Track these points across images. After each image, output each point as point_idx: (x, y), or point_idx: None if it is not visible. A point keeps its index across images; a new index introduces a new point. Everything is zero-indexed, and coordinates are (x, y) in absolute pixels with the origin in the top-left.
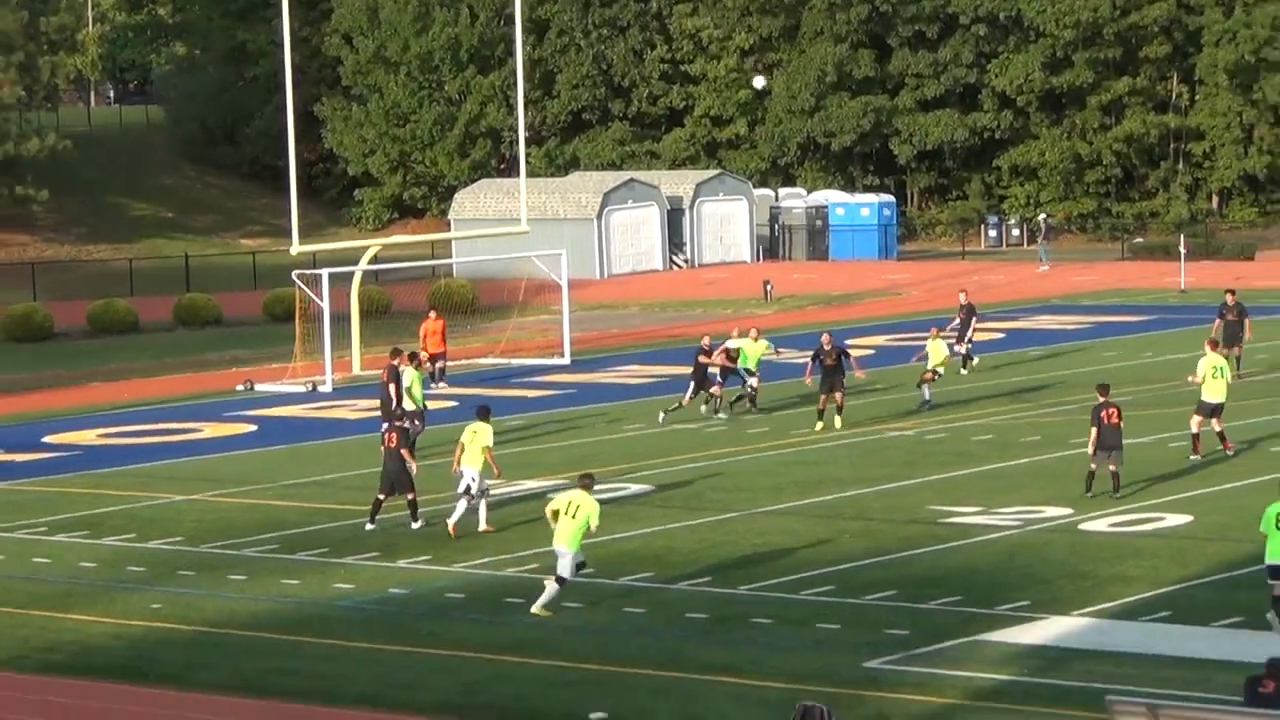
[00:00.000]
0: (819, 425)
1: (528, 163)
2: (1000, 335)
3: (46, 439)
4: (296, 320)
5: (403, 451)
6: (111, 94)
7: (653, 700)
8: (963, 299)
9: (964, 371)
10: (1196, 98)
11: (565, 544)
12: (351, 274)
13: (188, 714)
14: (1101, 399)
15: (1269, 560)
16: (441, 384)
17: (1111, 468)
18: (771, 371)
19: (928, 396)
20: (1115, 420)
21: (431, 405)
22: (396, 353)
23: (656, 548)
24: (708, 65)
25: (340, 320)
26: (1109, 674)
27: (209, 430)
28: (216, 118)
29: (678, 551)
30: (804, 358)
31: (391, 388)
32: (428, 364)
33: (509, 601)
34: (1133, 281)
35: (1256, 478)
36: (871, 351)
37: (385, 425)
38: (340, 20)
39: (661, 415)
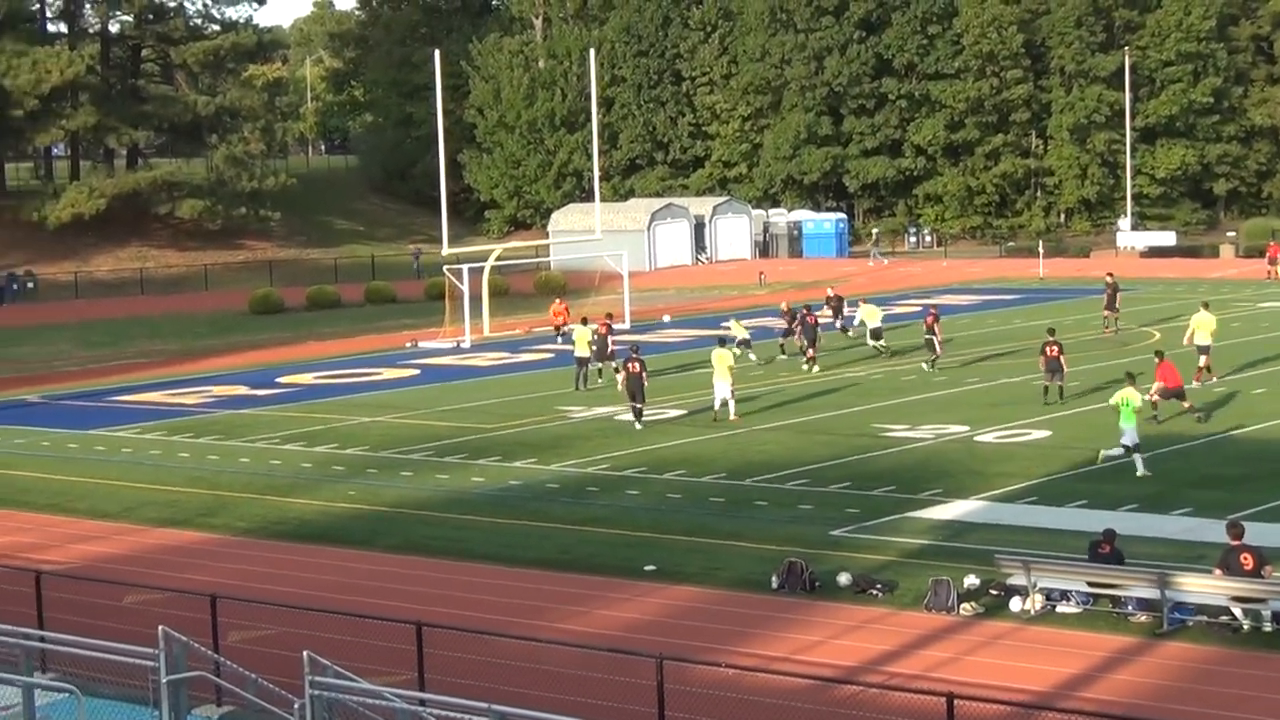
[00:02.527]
0: (815, 369)
1: (600, 192)
2: (918, 309)
3: (278, 380)
4: (446, 299)
5: (643, 375)
6: (323, 148)
7: (687, 557)
8: (830, 292)
9: (850, 334)
10: (1048, 147)
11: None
12: (483, 267)
13: (372, 567)
14: (1049, 338)
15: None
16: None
17: (1059, 383)
18: (764, 333)
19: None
20: (1055, 353)
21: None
22: (610, 315)
23: (689, 453)
24: (720, 127)
25: (475, 299)
26: (996, 539)
27: (386, 373)
28: (393, 163)
29: (703, 456)
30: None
31: (609, 338)
32: (604, 326)
33: (589, 489)
34: (1007, 272)
35: (1096, 404)
36: (830, 318)
37: (628, 357)
38: (475, 98)
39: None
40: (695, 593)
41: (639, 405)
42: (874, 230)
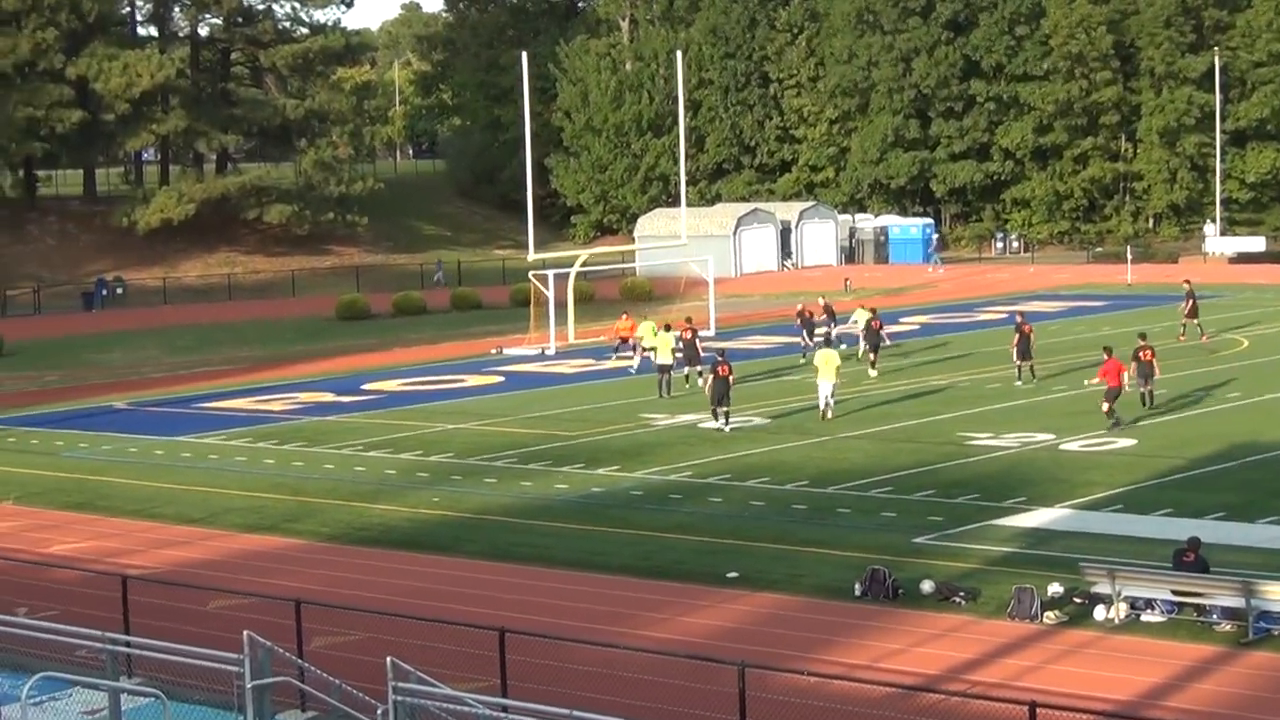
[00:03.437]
0: (873, 372)
1: (686, 197)
2: (1005, 315)
3: (364, 386)
4: (531, 305)
5: (730, 378)
6: (410, 152)
7: (770, 564)
8: (821, 301)
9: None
10: (1137, 151)
11: None
12: (568, 273)
13: (455, 573)
14: (1141, 343)
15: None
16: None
17: (1150, 389)
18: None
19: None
20: (1149, 357)
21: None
22: (689, 320)
23: (772, 460)
24: (807, 130)
25: (560, 305)
26: (1081, 547)
27: (471, 380)
28: (480, 167)
29: (787, 463)
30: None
31: (697, 342)
32: (689, 331)
33: (672, 496)
34: (1094, 278)
35: (1183, 413)
36: (916, 326)
37: (718, 359)
38: (562, 102)
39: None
40: (778, 600)
41: (725, 409)
42: (934, 237)
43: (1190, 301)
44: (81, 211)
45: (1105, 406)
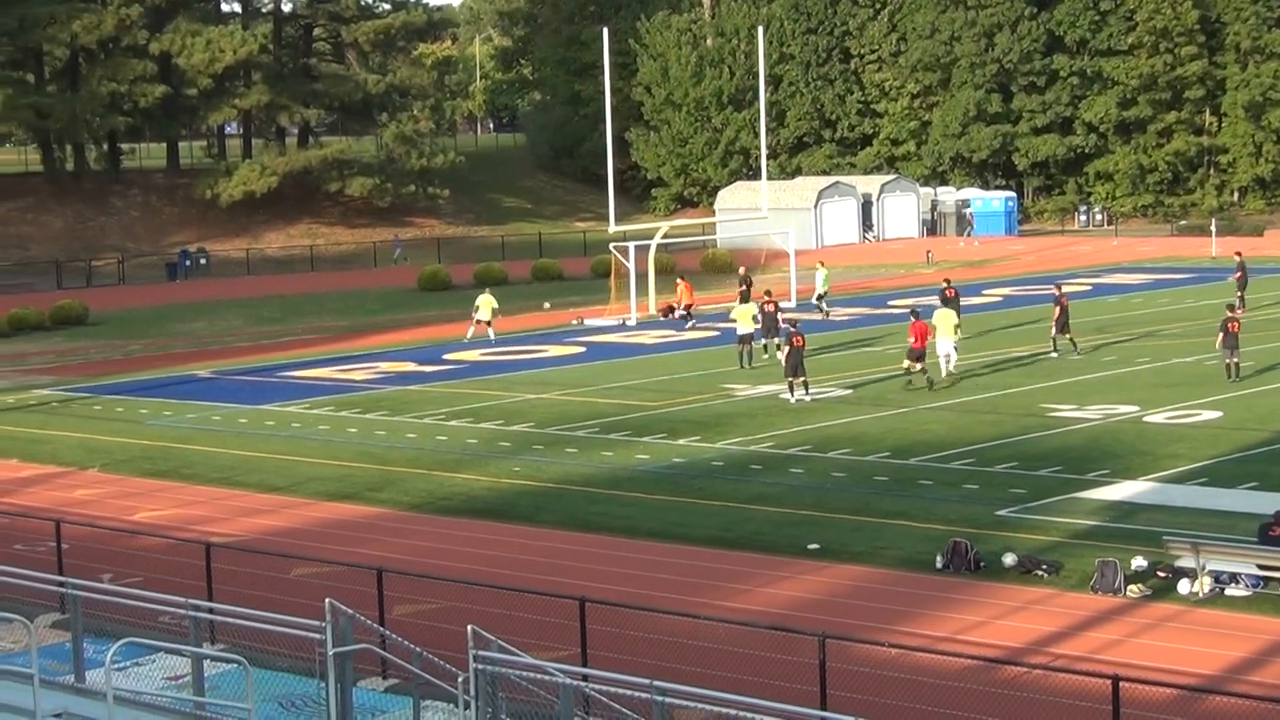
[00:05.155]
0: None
1: (767, 170)
2: (1088, 287)
3: (446, 356)
4: (612, 276)
5: (803, 349)
6: (491, 125)
7: (851, 535)
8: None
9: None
10: (1222, 125)
11: None
12: (649, 245)
13: (536, 543)
14: (1229, 314)
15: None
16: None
17: (1235, 360)
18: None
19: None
20: (1236, 328)
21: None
22: (768, 294)
23: (854, 432)
24: (889, 105)
25: (641, 277)
26: (1164, 521)
27: (552, 350)
28: (560, 141)
29: (868, 434)
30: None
31: (778, 315)
32: (770, 303)
33: (753, 467)
34: (1179, 251)
35: (1266, 386)
36: (1000, 298)
37: (791, 330)
38: (643, 76)
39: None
40: (859, 571)
41: (801, 379)
42: (967, 211)
43: (1241, 274)
44: (165, 184)
45: (905, 364)
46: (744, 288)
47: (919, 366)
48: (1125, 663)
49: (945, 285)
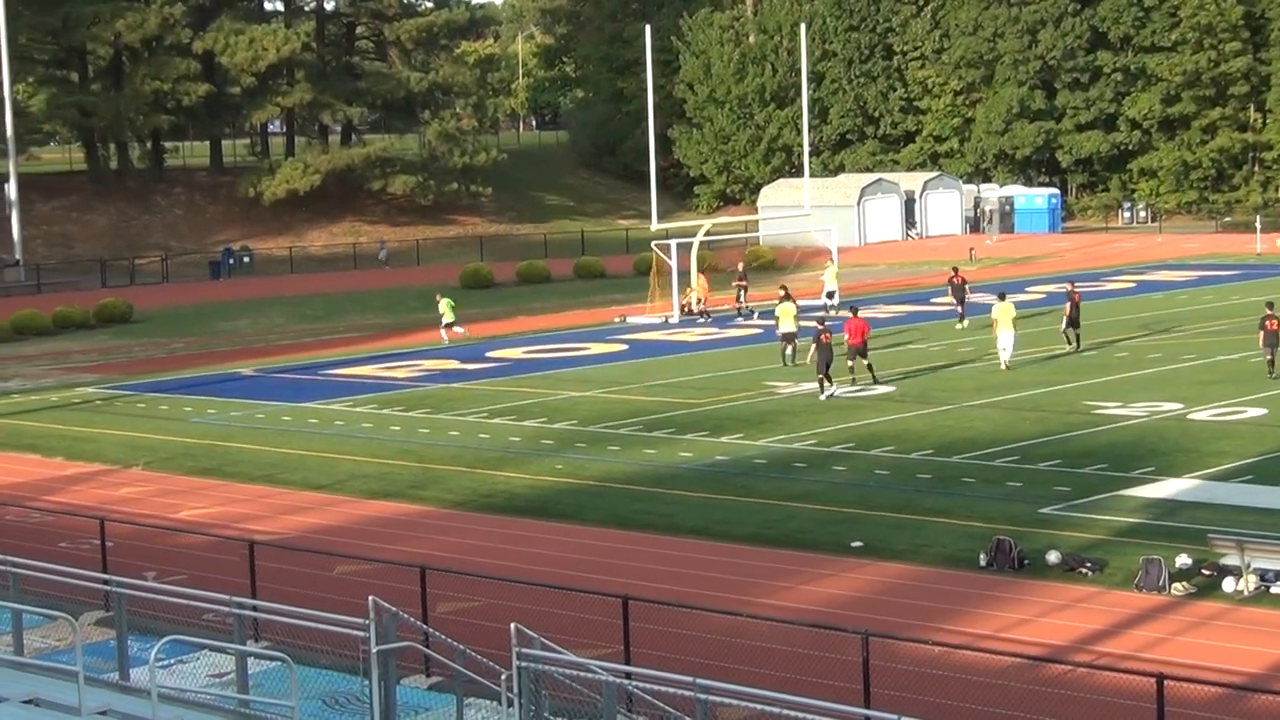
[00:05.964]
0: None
1: (810, 168)
2: (1133, 284)
3: (488, 354)
4: (654, 274)
5: (831, 345)
6: (534, 123)
7: (894, 533)
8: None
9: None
10: (1267, 121)
11: None
12: (691, 243)
13: (579, 540)
14: (1268, 312)
15: None
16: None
17: (1275, 357)
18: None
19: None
20: (1275, 326)
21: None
22: (784, 288)
23: (897, 429)
24: (932, 102)
25: (684, 274)
26: (1209, 518)
27: (595, 348)
28: (603, 138)
29: (911, 432)
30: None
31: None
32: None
33: (796, 465)
34: (1223, 248)
35: None
36: (1042, 295)
37: (818, 329)
38: (685, 74)
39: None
40: (902, 569)
41: (828, 376)
42: (988, 209)
43: None
44: (208, 182)
45: (865, 363)
46: (783, 292)
47: (866, 362)
48: (1170, 661)
49: (953, 273)
